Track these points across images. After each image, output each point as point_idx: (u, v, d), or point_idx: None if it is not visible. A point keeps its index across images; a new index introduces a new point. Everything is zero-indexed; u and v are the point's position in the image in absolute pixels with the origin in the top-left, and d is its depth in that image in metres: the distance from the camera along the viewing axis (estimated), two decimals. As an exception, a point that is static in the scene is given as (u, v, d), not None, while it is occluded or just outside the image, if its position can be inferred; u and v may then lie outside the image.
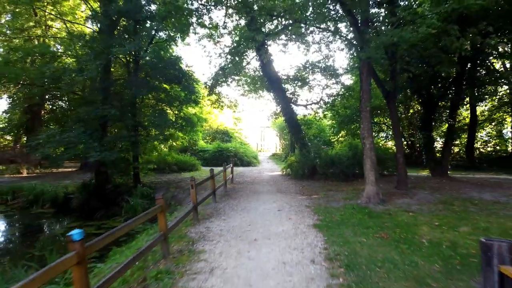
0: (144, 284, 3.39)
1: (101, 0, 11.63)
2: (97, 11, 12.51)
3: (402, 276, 3.51)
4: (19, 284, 2.13)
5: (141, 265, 3.90)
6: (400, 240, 4.83)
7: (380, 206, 7.15)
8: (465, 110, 20.79)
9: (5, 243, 8.73)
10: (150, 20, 10.22)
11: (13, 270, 4.80)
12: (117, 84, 11.40)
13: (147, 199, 10.93)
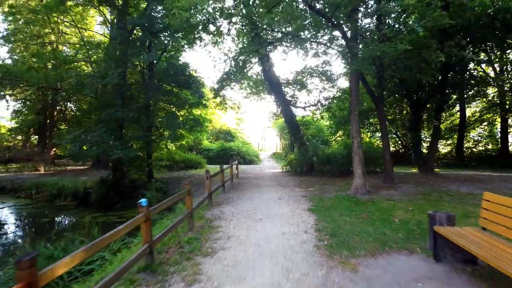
0: (180, 245, 4.58)
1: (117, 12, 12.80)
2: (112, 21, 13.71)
3: (371, 241, 4.70)
4: (111, 232, 3.28)
5: (174, 235, 5.08)
6: (377, 219, 6.02)
7: (366, 196, 8.34)
8: (457, 112, 21.97)
9: (48, 227, 9.93)
10: (164, 32, 11.42)
11: (69, 244, 5.97)
12: (132, 88, 12.58)
13: (160, 193, 12.15)
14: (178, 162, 17.29)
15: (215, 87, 15.35)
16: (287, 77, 17.09)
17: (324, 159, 14.42)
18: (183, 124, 11.92)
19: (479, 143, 24.06)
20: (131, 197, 12.52)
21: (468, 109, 23.46)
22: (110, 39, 20.57)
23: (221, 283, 3.38)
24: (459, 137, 20.64)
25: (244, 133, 31.37)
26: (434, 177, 12.61)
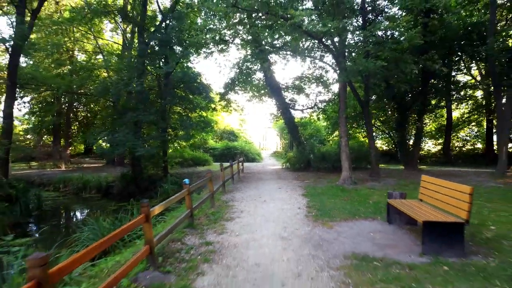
0: (207, 216, 6.28)
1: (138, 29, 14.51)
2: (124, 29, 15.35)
3: (346, 213, 6.41)
4: (170, 198, 4.96)
5: (200, 210, 6.78)
6: (355, 201, 7.72)
7: (351, 186, 10.04)
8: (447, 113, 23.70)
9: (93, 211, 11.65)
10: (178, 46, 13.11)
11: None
12: (150, 94, 14.30)
13: (175, 186, 13.83)
14: (188, 160, 19.00)
15: (221, 92, 17.10)
16: (286, 82, 18.73)
17: (320, 157, 16.13)
18: (196, 125, 13.60)
19: (467, 142, 25.70)
20: (149, 190, 14.23)
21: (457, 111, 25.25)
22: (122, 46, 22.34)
23: (240, 233, 5.09)
24: (446, 137, 22.30)
25: (246, 133, 33.12)
26: (417, 172, 14.28)
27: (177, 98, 13.65)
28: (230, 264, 3.88)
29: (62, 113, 24.19)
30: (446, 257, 3.92)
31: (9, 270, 4.41)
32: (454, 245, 4.04)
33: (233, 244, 4.58)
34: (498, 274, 3.47)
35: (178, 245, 4.53)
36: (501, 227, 5.42)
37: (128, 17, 14.56)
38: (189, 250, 4.34)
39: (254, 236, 4.97)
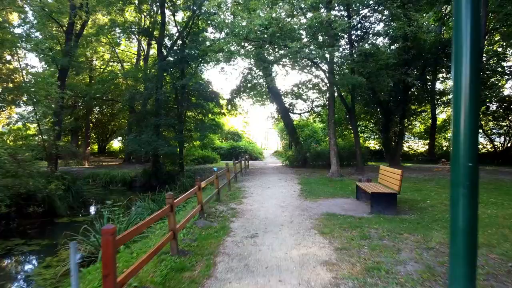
0: (227, 196, 8.64)
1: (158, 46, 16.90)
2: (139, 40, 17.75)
3: (329, 194, 8.78)
4: (209, 178, 7.32)
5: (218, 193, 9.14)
6: (338, 187, 10.08)
7: (338, 178, 12.40)
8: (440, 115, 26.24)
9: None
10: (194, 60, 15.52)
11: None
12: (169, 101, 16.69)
13: (191, 179, 16.20)
14: (198, 158, 21.39)
15: (229, 98, 19.48)
16: (286, 89, 21.08)
17: (315, 155, 18.51)
18: (209, 128, 15.97)
19: (454, 142, 28.07)
20: (167, 183, 16.59)
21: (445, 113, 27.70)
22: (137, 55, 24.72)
23: (253, 204, 7.47)
24: (431, 138, 24.66)
25: (249, 134, 35.53)
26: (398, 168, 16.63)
27: (192, 105, 16.05)
28: (249, 217, 6.26)
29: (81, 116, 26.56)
30: (384, 214, 6.28)
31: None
32: (390, 207, 6.41)
33: (249, 209, 6.96)
34: (410, 221, 5.84)
35: (213, 210, 6.91)
36: (435, 202, 7.78)
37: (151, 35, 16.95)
38: (221, 212, 6.72)
39: (263, 205, 7.35)
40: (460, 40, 2.60)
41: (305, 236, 5.04)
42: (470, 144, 2.61)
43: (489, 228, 5.39)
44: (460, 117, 2.63)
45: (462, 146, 2.63)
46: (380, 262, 3.93)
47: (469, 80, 2.56)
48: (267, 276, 3.61)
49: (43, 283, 5.54)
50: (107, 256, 2.63)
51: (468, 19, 2.51)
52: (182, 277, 3.64)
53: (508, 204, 7.32)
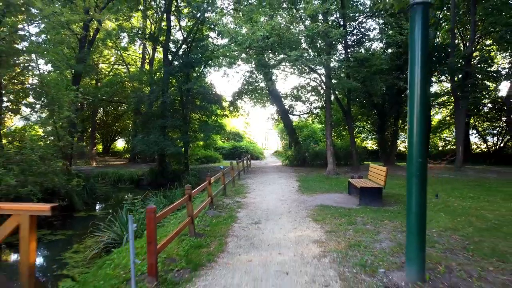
0: (231, 191, 9.52)
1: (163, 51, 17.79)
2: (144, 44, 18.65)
3: (324, 190, 9.66)
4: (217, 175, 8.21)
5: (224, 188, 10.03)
6: (333, 184, 10.97)
7: (334, 176, 13.28)
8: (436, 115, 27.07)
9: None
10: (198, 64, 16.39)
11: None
12: (174, 103, 17.58)
13: (195, 178, 17.09)
14: (201, 157, 22.27)
15: (230, 100, 20.36)
16: (286, 91, 21.97)
17: (314, 155, 19.39)
18: (212, 129, 16.87)
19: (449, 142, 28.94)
20: (173, 181, 17.48)
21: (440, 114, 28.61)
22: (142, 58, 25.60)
23: (255, 197, 8.36)
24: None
25: (250, 134, 36.44)
26: (392, 167, 17.48)
27: (197, 107, 16.96)
28: (252, 208, 7.15)
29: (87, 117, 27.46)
30: (370, 206, 7.17)
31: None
32: (376, 199, 7.29)
33: (252, 202, 7.85)
34: (392, 211, 6.73)
35: (220, 203, 7.80)
36: (419, 196, 8.64)
37: (157, 40, 17.85)
38: (227, 204, 7.61)
39: (264, 199, 8.24)
40: (413, 66, 3.51)
41: (301, 223, 5.93)
42: (420, 145, 3.54)
43: (460, 216, 6.28)
44: (413, 124, 3.56)
45: (414, 146, 3.55)
46: (361, 241, 4.82)
47: (419, 98, 3.49)
48: (269, 251, 4.50)
49: (76, 264, 6.42)
50: (150, 228, 3.53)
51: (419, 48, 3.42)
52: (200, 252, 4.54)
53: (483, 198, 8.21)
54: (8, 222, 3.00)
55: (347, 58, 13.82)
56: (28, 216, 2.96)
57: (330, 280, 3.54)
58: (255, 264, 4.03)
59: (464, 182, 11.56)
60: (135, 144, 15.90)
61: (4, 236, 3.02)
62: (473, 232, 5.24)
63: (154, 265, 3.53)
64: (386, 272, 3.74)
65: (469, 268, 3.79)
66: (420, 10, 3.50)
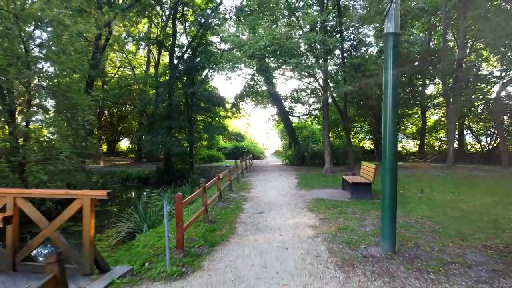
0: (236, 187, 10.45)
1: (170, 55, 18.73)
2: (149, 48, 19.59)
3: (321, 185, 10.59)
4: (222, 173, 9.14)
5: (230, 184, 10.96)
6: (329, 181, 11.89)
7: (331, 174, 14.20)
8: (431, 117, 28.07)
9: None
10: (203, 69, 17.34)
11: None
12: (180, 105, 18.52)
13: (200, 176, 18.00)
14: (205, 157, 23.21)
15: (233, 102, 21.29)
16: (286, 94, 22.86)
17: (313, 154, 20.32)
18: (216, 130, 17.81)
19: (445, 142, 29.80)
20: (179, 180, 18.42)
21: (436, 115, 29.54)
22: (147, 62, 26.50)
23: (258, 192, 9.29)
24: (421, 138, 26.42)
25: (251, 135, 37.39)
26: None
27: (201, 109, 17.91)
28: (256, 201, 8.09)
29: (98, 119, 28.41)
30: (361, 199, 8.09)
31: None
32: (366, 193, 8.21)
33: (255, 196, 8.78)
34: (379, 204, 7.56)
35: (227, 197, 8.74)
36: (406, 191, 9.57)
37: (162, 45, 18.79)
38: (234, 198, 8.55)
39: (266, 193, 9.18)
40: (387, 83, 4.44)
41: (299, 212, 6.86)
42: (391, 145, 4.47)
43: (438, 208, 7.20)
44: (386, 130, 4.49)
45: (387, 147, 4.48)
46: (349, 225, 5.74)
47: (391, 110, 4.41)
48: (272, 233, 5.43)
49: (102, 249, 7.34)
50: (178, 211, 4.46)
51: (391, 68, 4.34)
52: (215, 234, 5.46)
53: (464, 193, 9.12)
54: (73, 204, 3.93)
55: (344, 63, 14.73)
56: (89, 199, 3.89)
57: (320, 253, 4.46)
58: (260, 242, 4.96)
59: (451, 180, 12.46)
60: (144, 144, 16.80)
61: (70, 214, 3.96)
62: (445, 219, 6.16)
63: (181, 240, 4.46)
64: (366, 247, 4.66)
65: (433, 244, 4.72)
66: (391, 38, 4.43)
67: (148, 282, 3.74)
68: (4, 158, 7.52)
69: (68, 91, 9.23)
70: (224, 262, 4.24)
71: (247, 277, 3.74)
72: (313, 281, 3.57)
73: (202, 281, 3.67)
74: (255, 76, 19.37)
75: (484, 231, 5.40)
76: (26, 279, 3.80)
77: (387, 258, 4.21)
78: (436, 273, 3.73)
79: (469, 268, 3.88)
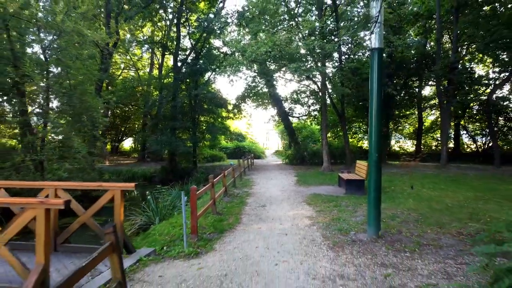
0: (239, 183, 11.16)
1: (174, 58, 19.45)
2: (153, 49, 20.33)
3: (318, 182, 11.31)
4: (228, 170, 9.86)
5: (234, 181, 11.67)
6: (326, 179, 12.60)
7: (329, 172, 14.91)
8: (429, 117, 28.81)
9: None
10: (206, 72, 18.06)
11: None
12: (184, 107, 19.24)
13: (204, 175, 18.73)
14: (207, 157, 23.94)
15: (234, 103, 22.02)
16: (286, 95, 23.60)
17: (312, 154, 21.03)
18: (219, 130, 18.55)
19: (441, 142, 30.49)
20: (183, 178, 19.14)
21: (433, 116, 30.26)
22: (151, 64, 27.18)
23: (260, 189, 10.01)
24: (418, 138, 27.14)
25: (252, 135, 38.14)
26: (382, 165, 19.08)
27: (204, 110, 18.65)
28: (258, 196, 8.81)
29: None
30: (354, 194, 8.80)
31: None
32: (359, 189, 8.93)
33: (258, 192, 9.51)
34: (371, 198, 8.36)
35: (232, 192, 9.46)
36: (397, 188, 10.27)
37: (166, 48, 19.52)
38: (238, 193, 9.27)
39: (267, 190, 9.90)
40: (372, 92, 5.15)
41: (297, 205, 7.58)
42: (376, 144, 5.17)
43: (424, 201, 7.91)
44: (372, 132, 5.20)
45: (373, 145, 5.19)
46: (342, 216, 6.46)
47: (375, 113, 5.11)
48: (273, 222, 6.15)
49: (119, 240, 8.07)
50: (193, 201, 5.17)
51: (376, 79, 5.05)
52: (223, 223, 6.18)
53: (450, 189, 9.83)
54: (106, 194, 4.65)
55: (341, 67, 15.45)
56: (120, 190, 4.61)
57: (315, 238, 5.18)
58: (263, 230, 5.68)
59: (442, 177, 13.17)
60: (150, 144, 17.50)
61: (104, 202, 4.68)
62: (428, 211, 6.87)
63: (195, 227, 5.19)
64: (355, 233, 5.38)
65: (413, 231, 5.44)
66: (376, 52, 5.15)
67: (170, 260, 4.45)
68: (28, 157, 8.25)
69: (83, 94, 9.94)
70: (232, 245, 4.95)
71: (253, 255, 4.45)
72: (308, 258, 4.29)
73: (215, 259, 4.38)
74: (256, 78, 20.13)
75: (461, 221, 6.11)
76: (67, 258, 4.52)
77: (372, 241, 4.93)
78: (411, 252, 4.45)
79: (441, 248, 4.60)
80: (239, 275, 3.80)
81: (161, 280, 3.78)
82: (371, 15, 5.11)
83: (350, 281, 3.58)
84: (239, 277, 3.75)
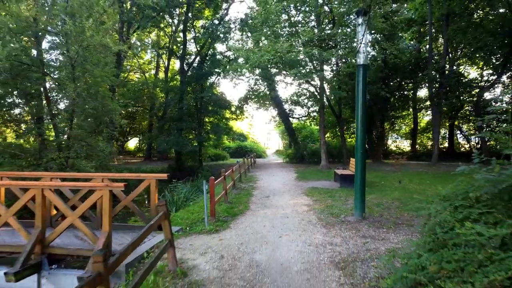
0: (245, 180, 12.31)
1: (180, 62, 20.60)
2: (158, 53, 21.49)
3: (316, 178, 12.46)
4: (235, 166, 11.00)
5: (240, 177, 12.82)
6: (324, 175, 13.75)
7: (326, 169, 16.05)
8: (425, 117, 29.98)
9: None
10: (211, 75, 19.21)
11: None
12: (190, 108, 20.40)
13: (209, 173, 19.88)
14: (211, 156, 25.10)
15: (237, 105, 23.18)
16: (286, 97, 24.75)
17: (311, 153, 22.17)
18: (223, 131, 19.71)
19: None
20: (189, 176, 20.29)
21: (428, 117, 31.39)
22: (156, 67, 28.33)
23: (263, 183, 11.16)
24: (413, 138, 28.27)
25: (254, 135, 39.36)
26: (377, 163, 20.23)
27: (209, 112, 19.84)
28: (262, 189, 9.97)
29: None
30: (347, 187, 9.94)
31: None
32: (352, 183, 10.03)
33: (262, 186, 10.66)
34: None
35: (239, 186, 10.61)
36: (387, 182, 11.42)
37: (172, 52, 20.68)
38: (244, 187, 10.42)
39: (270, 184, 11.05)
40: (358, 101, 6.29)
41: (297, 196, 8.73)
42: (361, 143, 6.31)
43: (407, 193, 9.06)
44: (358, 133, 6.35)
45: (359, 144, 6.33)
46: (335, 204, 7.61)
47: (360, 119, 6.25)
48: (276, 208, 7.30)
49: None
50: (212, 188, 6.32)
51: (361, 90, 6.20)
52: (234, 210, 7.33)
53: (435, 184, 10.97)
54: (143, 183, 5.80)
55: (338, 72, 16.60)
56: (155, 180, 5.76)
57: (312, 219, 6.33)
58: (268, 214, 6.83)
59: (431, 174, 14.31)
60: (159, 144, 18.65)
61: (142, 189, 5.83)
62: (409, 200, 8.01)
63: (213, 210, 6.34)
64: (344, 216, 6.52)
65: (392, 214, 6.59)
66: (362, 68, 6.29)
67: (195, 235, 5.60)
68: (61, 154, 9.37)
69: (103, 98, 11.08)
70: (244, 224, 6.10)
71: (261, 231, 5.60)
72: (305, 233, 5.44)
73: (232, 234, 5.53)
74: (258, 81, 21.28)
75: (435, 207, 7.25)
76: (114, 233, 5.65)
77: (357, 221, 6.08)
78: (388, 228, 5.60)
79: (412, 227, 5.74)
80: (252, 243, 4.95)
81: (191, 247, 4.92)
82: (357, 38, 6.25)
83: (337, 246, 4.73)
84: (252, 244, 4.90)
